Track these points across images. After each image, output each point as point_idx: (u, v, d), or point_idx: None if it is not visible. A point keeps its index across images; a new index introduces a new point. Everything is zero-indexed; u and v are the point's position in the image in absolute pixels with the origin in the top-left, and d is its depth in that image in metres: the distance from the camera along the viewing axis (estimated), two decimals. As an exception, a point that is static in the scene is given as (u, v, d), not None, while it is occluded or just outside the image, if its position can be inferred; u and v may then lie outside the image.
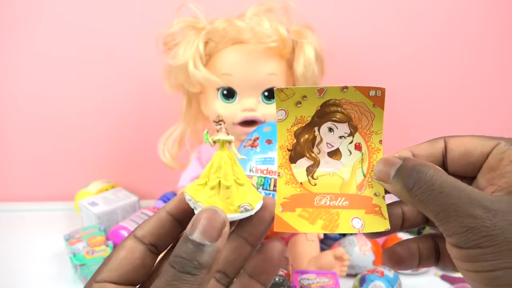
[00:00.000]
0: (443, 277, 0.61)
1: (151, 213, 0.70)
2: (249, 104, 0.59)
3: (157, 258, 0.25)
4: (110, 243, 0.63)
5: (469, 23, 0.82)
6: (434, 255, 0.27)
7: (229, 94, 0.59)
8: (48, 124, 0.83)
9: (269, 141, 0.53)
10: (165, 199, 0.77)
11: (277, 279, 0.49)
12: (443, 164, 0.26)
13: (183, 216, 0.25)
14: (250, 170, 0.52)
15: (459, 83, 0.86)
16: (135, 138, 0.85)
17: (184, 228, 0.21)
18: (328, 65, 0.63)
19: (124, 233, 0.64)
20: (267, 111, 0.59)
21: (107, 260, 0.23)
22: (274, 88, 0.26)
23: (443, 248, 0.26)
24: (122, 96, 0.82)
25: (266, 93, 0.60)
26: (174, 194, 0.77)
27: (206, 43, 0.58)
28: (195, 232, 0.20)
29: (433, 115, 0.89)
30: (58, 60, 0.79)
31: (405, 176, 0.23)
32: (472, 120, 0.89)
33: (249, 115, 0.59)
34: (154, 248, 0.24)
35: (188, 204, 0.24)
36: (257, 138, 0.54)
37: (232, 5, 0.60)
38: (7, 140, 0.84)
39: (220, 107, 0.60)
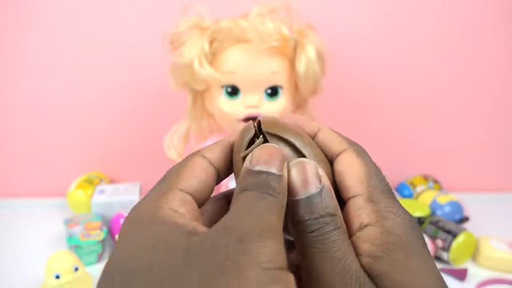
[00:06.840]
0: (443, 270, 0.62)
1: None
2: (252, 101, 0.60)
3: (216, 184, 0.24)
4: (105, 228, 0.66)
5: (471, 22, 0.82)
6: None
7: (233, 91, 0.61)
8: (48, 121, 0.85)
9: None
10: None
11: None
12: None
13: None
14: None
15: (460, 82, 0.87)
16: (138, 135, 0.86)
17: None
18: (329, 64, 0.64)
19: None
20: (270, 108, 0.61)
21: (181, 170, 0.22)
22: None
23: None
24: (126, 94, 0.84)
25: (269, 91, 0.61)
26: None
27: (211, 42, 0.60)
28: (260, 163, 0.20)
29: (434, 114, 0.89)
30: (58, 56, 0.80)
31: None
32: (473, 119, 0.90)
33: (252, 112, 0.60)
34: (217, 173, 0.23)
35: None
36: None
37: (236, 6, 0.62)
38: (7, 135, 0.86)
39: (224, 104, 0.61)
